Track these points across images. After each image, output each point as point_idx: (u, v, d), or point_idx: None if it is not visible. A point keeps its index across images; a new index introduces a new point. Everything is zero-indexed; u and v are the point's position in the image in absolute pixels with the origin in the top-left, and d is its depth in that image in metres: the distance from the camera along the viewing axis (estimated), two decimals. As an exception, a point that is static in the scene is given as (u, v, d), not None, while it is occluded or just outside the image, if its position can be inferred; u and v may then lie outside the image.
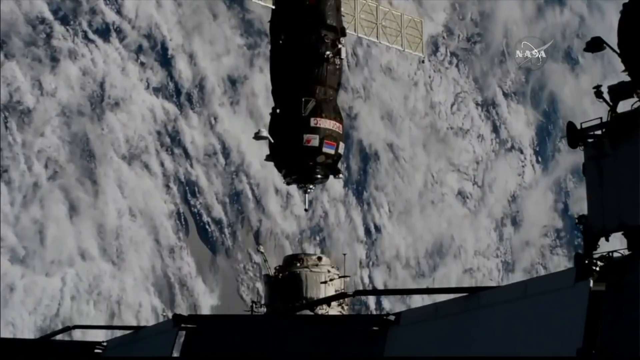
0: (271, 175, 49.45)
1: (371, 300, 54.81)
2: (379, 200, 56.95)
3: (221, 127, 52.52)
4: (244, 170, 52.35)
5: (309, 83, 16.04)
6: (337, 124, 16.12)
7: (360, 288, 54.58)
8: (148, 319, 47.47)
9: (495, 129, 62.73)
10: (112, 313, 46.74)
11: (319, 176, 16.20)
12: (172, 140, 51.36)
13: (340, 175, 16.71)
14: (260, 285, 50.78)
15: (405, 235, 57.11)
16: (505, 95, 63.62)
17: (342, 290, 16.75)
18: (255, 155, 51.81)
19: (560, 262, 61.91)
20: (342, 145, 16.30)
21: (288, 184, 16.65)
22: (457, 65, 62.43)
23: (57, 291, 45.73)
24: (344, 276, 17.04)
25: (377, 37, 18.40)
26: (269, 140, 15.83)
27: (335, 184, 54.38)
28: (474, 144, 61.69)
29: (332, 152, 15.94)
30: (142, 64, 51.15)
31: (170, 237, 49.55)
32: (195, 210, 51.09)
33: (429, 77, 61.19)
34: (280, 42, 16.43)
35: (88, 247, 46.89)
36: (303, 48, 16.13)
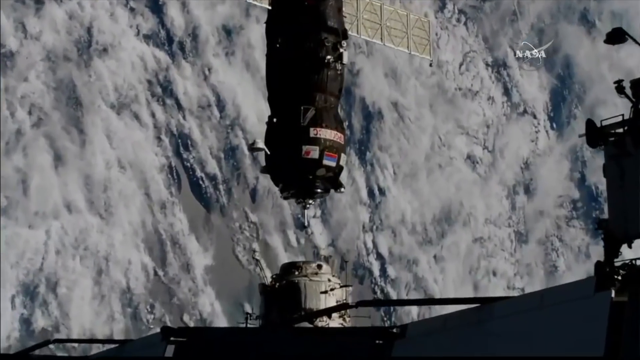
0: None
1: (375, 267, 56.37)
2: (383, 161, 58.57)
3: (215, 78, 54.09)
4: (239, 125, 53.84)
5: (308, 90, 16.24)
6: (339, 134, 16.29)
7: (364, 252, 56.23)
8: (138, 277, 48.90)
9: (507, 92, 64.43)
10: (100, 270, 48.04)
11: (318, 190, 16.41)
12: (163, 91, 52.91)
13: (342, 190, 16.90)
14: (256, 246, 52.28)
15: (411, 199, 58.67)
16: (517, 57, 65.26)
17: (344, 301, 16.71)
18: (251, 108, 53.38)
19: (577, 234, 63.55)
20: (343, 157, 16.50)
21: (285, 198, 16.97)
22: (465, 24, 64.16)
23: (41, 245, 47.06)
24: (346, 285, 16.95)
25: (381, 38, 18.69)
26: (265, 152, 16.18)
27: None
28: (483, 107, 63.39)
29: (333, 164, 16.17)
30: (132, 9, 52.79)
31: (161, 191, 50.97)
32: (188, 164, 52.59)
33: (436, 34, 62.87)
34: (277, 45, 16.66)
35: (74, 199, 48.23)
36: (301, 52, 16.36)
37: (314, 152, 15.89)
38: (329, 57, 16.30)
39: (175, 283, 50.29)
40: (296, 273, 16.50)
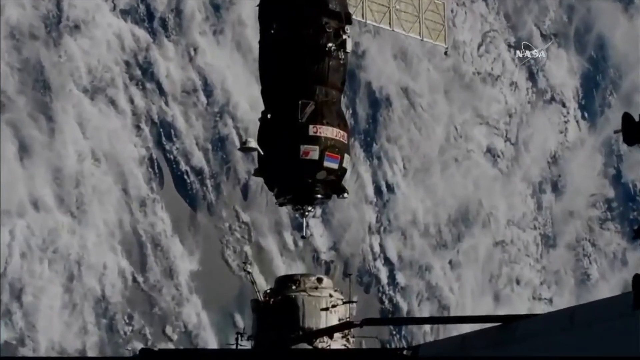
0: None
1: (382, 274, 56.43)
2: (392, 154, 58.73)
3: (202, 59, 54.27)
4: (229, 112, 54.02)
5: (306, 82, 16.20)
6: (342, 132, 16.26)
7: (370, 257, 56.22)
8: (114, 284, 48.97)
9: (532, 77, 64.69)
10: (71, 275, 48.14)
11: (319, 196, 16.31)
12: (143, 73, 52.99)
13: (346, 195, 16.85)
14: (248, 250, 52.29)
15: (424, 197, 58.86)
16: (544, 36, 65.40)
17: (348, 319, 16.58)
18: (243, 94, 53.47)
19: (612, 238, 63.56)
20: (347, 157, 16.44)
21: (281, 205, 16.87)
22: (485, -1, 64.38)
23: (5, 246, 46.93)
24: (350, 301, 16.88)
25: (389, 23, 18.47)
26: (258, 152, 16.06)
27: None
28: (505, 93, 63.59)
29: (335, 166, 16.10)
30: (107, -20, 53.10)
31: (141, 187, 51.11)
32: (171, 156, 52.76)
33: (452, 11, 62.86)
34: (272, 31, 16.55)
35: (42, 195, 48.29)
36: (299, 39, 16.30)
37: (313, 153, 15.84)
38: (330, 44, 16.27)
39: (157, 291, 50.24)
40: (293, 287, 16.38)
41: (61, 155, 49.40)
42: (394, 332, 55.81)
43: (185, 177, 52.85)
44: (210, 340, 50.14)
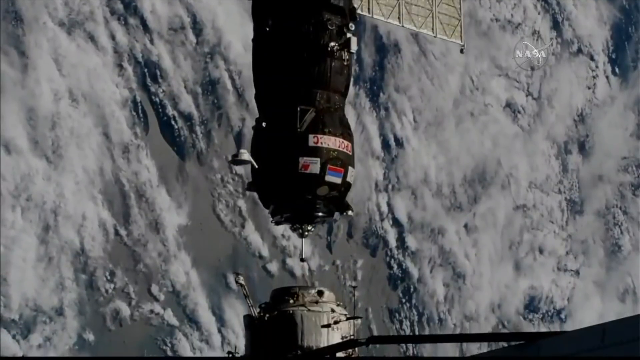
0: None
1: (390, 236, 58.09)
2: (401, 105, 60.27)
3: (190, -7, 55.74)
4: (221, 53, 55.36)
5: (306, 86, 16.27)
6: (346, 143, 16.33)
7: (376, 217, 57.92)
8: (94, 236, 50.40)
9: (556, 26, 66.13)
10: (46, 226, 49.44)
11: (320, 214, 16.30)
12: (125, 7, 54.18)
13: (351, 213, 17.01)
14: (243, 204, 53.91)
15: (436, 153, 60.41)
16: (570, -19, 67.08)
17: (352, 337, 16.36)
18: (236, 34, 54.96)
19: (647, 206, 65.34)
20: (351, 170, 16.44)
21: (277, 224, 16.86)
22: (504, -62, 65.95)
23: (-26, 194, 48.36)
24: (354, 317, 16.73)
25: (399, 19, 18.46)
26: (252, 165, 16.05)
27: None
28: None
29: (339, 180, 16.16)
30: None
31: (123, 131, 52.39)
32: (157, 99, 54.12)
33: (467, -49, 64.65)
34: (267, 28, 16.65)
35: (14, 136, 49.60)
36: (298, 38, 16.33)
37: (313, 166, 15.73)
38: (332, 43, 16.24)
39: (141, 245, 51.77)
40: (291, 301, 16.11)
41: (35, 94, 50.62)
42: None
43: (173, 122, 54.31)
44: (200, 302, 51.63)
